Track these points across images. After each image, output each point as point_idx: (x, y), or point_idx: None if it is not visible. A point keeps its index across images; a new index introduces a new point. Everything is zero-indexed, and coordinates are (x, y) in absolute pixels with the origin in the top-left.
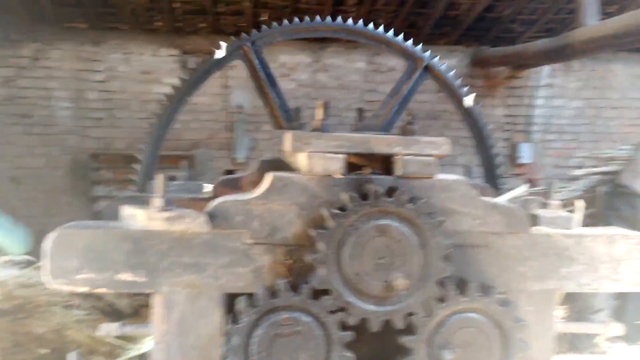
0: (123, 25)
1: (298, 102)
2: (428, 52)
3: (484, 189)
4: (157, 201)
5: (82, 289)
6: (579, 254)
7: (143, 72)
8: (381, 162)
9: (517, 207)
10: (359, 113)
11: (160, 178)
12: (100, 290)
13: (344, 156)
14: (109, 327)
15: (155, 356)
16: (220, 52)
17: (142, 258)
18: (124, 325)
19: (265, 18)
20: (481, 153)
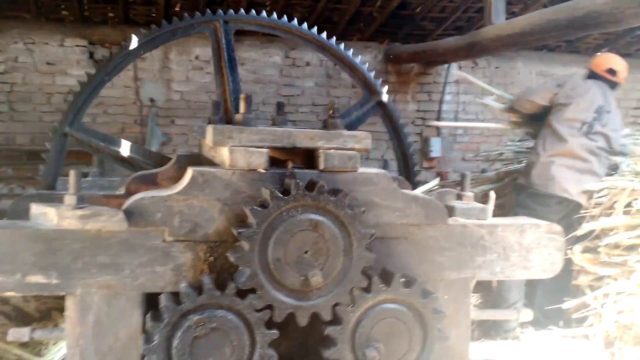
0: (26, 14)
1: (213, 96)
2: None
3: (401, 182)
4: (70, 198)
5: None
6: (492, 244)
7: (47, 63)
8: (304, 156)
9: (435, 199)
10: (279, 107)
11: (73, 174)
12: (8, 293)
13: (267, 150)
14: (19, 332)
15: None
16: (134, 43)
17: (54, 259)
18: (35, 330)
19: (177, 9)
20: (396, 147)
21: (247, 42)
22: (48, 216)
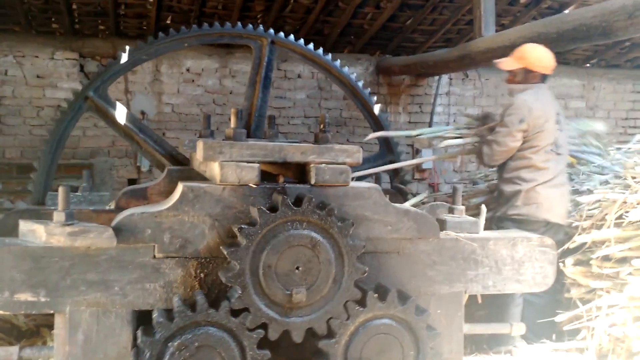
0: (16, 26)
1: (204, 109)
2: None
3: (393, 195)
4: (59, 215)
5: None
6: (484, 257)
7: (37, 77)
8: (296, 170)
9: (427, 213)
10: (270, 121)
11: (62, 189)
12: None
13: (258, 165)
14: (7, 351)
15: None
16: (125, 56)
17: (43, 276)
18: (23, 348)
19: (168, 22)
20: (388, 159)
21: (238, 55)
22: (36, 233)
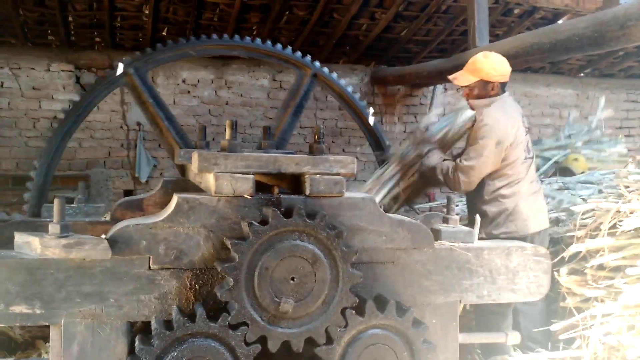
0: (12, 38)
1: (200, 120)
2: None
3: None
4: (54, 227)
5: None
6: (479, 267)
7: (33, 88)
8: (290, 181)
9: (421, 223)
10: (265, 131)
11: (58, 201)
12: None
13: (253, 176)
14: None
15: None
16: (120, 69)
17: (38, 288)
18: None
19: (164, 34)
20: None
21: (235, 66)
22: (32, 245)
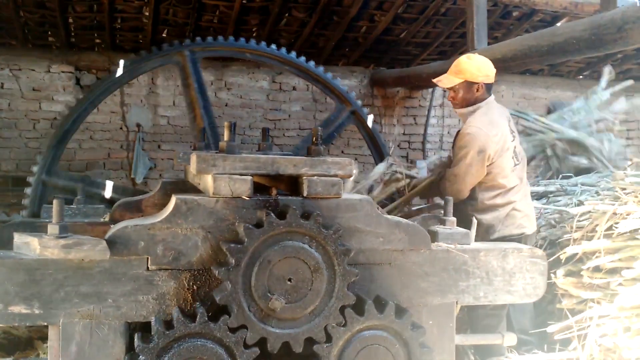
0: (12, 40)
1: None
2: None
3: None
4: (53, 228)
5: None
6: (475, 268)
7: (34, 90)
8: (288, 183)
9: (418, 225)
10: (264, 133)
11: (57, 202)
12: None
13: (251, 178)
14: None
15: None
16: (120, 70)
17: (36, 289)
18: (18, 359)
19: (164, 35)
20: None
21: (235, 67)
22: (31, 246)
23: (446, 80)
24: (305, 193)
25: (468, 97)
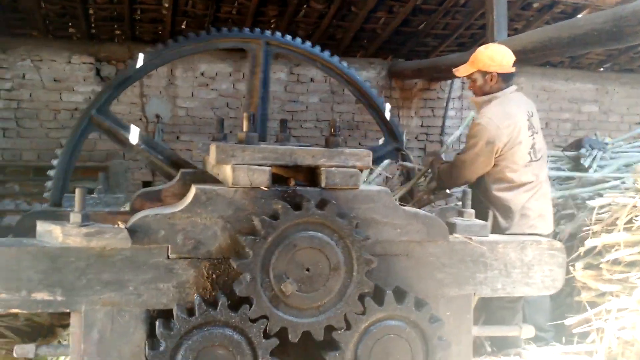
0: (33, 31)
1: (218, 112)
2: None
3: None
4: (75, 216)
5: None
6: (493, 260)
7: (54, 80)
8: (306, 174)
9: (436, 217)
10: (282, 124)
11: (79, 191)
12: (13, 310)
13: (269, 168)
14: (24, 349)
15: None
16: (139, 62)
17: (59, 276)
18: (40, 346)
19: (183, 27)
20: (393, 146)
21: None
22: (53, 234)
23: (462, 69)
24: (323, 184)
25: (484, 87)
